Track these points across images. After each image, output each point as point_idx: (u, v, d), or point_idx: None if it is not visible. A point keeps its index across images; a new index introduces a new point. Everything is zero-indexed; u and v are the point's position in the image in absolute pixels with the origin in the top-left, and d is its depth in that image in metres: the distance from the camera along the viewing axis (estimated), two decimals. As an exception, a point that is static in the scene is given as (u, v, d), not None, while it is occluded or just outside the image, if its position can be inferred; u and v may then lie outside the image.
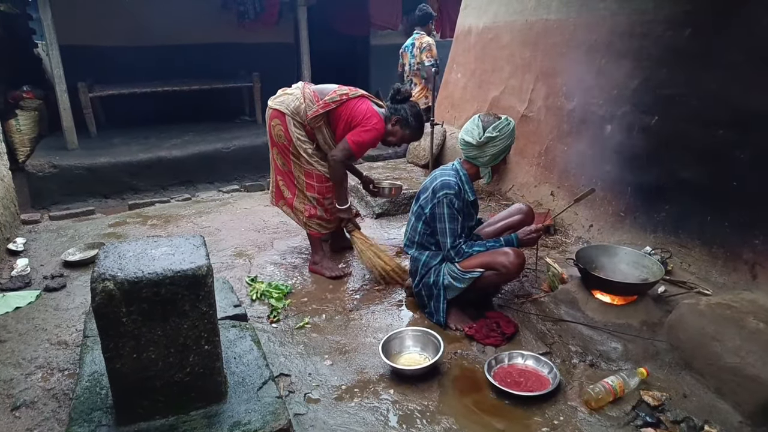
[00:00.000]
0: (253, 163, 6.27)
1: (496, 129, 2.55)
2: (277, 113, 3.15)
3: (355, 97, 3.14)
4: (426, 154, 5.14)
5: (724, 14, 2.91)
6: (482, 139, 2.56)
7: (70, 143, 5.92)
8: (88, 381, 1.93)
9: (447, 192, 2.60)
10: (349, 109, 3.10)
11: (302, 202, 3.32)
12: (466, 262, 2.64)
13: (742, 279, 2.67)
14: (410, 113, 3.15)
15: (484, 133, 2.56)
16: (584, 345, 2.52)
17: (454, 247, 2.64)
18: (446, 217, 2.61)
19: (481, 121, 2.60)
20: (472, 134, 2.59)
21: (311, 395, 2.28)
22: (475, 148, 2.61)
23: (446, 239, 2.65)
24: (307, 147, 3.19)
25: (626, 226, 3.37)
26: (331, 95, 3.11)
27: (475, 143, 2.59)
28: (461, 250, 2.64)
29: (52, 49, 5.60)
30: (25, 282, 3.20)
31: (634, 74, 3.44)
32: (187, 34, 7.46)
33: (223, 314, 2.38)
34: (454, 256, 2.65)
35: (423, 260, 2.78)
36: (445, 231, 2.64)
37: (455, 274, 2.66)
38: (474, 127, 2.61)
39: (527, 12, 4.58)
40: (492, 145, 2.58)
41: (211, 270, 1.72)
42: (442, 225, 2.64)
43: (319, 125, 3.15)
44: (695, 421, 2.04)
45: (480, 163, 2.66)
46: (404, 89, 3.20)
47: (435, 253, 2.77)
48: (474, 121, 2.64)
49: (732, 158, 2.80)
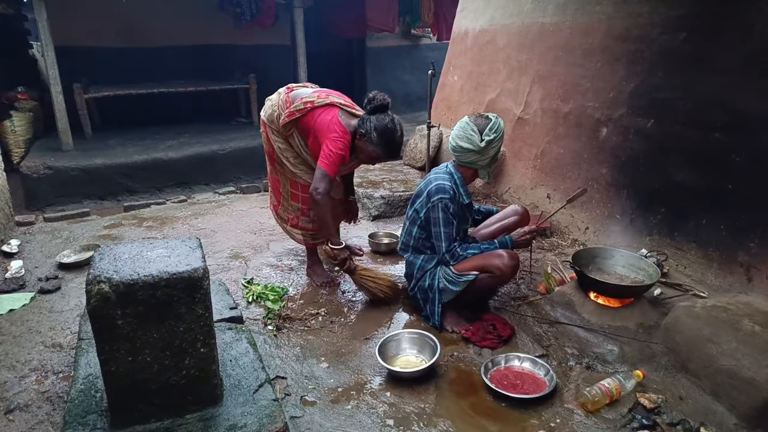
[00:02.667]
0: (249, 165, 6.26)
1: (492, 131, 2.54)
2: (261, 120, 3.08)
3: (321, 105, 2.81)
4: (422, 156, 5.15)
5: (719, 18, 2.93)
6: (483, 144, 2.54)
7: (65, 144, 5.90)
8: (82, 384, 1.92)
9: (442, 197, 2.59)
10: (313, 120, 2.80)
11: (286, 210, 3.22)
12: (460, 265, 2.64)
13: (738, 281, 2.69)
14: (374, 126, 2.71)
15: (482, 137, 2.54)
16: (580, 347, 2.53)
17: (449, 251, 2.65)
18: (441, 221, 2.61)
19: (476, 125, 2.56)
20: (471, 140, 2.55)
21: (307, 398, 2.27)
22: (474, 153, 2.58)
23: (441, 243, 2.65)
24: (289, 155, 2.99)
25: (622, 228, 3.38)
26: (297, 103, 2.84)
27: (476, 149, 2.55)
28: (456, 253, 2.65)
29: (47, 50, 5.58)
30: (19, 284, 3.17)
31: (630, 77, 3.46)
32: (183, 35, 7.46)
33: (219, 316, 2.36)
34: (450, 259, 2.66)
35: (418, 264, 2.79)
36: (440, 235, 2.64)
37: (450, 277, 2.66)
38: (471, 132, 2.56)
39: (523, 15, 4.60)
40: (491, 147, 2.57)
41: (207, 272, 1.71)
42: (437, 229, 2.64)
43: (290, 133, 2.93)
44: (691, 423, 2.05)
45: (479, 166, 2.65)
46: (379, 96, 2.77)
47: (430, 257, 2.78)
48: (466, 127, 2.58)
49: (727, 161, 2.81)
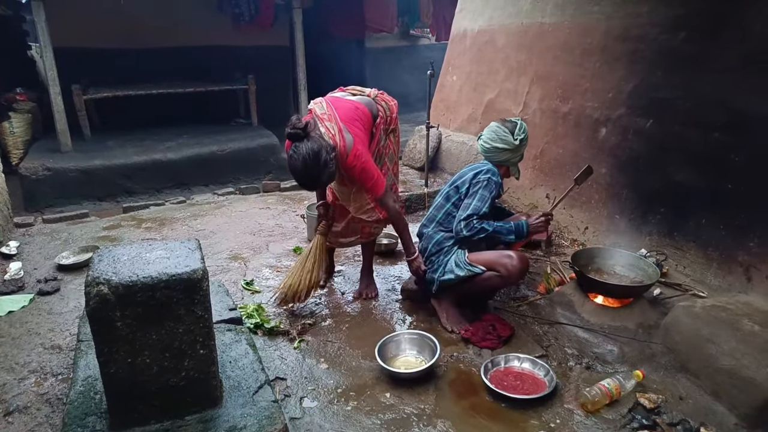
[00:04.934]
0: (248, 166, 6.25)
1: (521, 131, 2.77)
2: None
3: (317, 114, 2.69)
4: (421, 156, 5.15)
5: (718, 18, 2.93)
6: (517, 143, 2.75)
7: (64, 146, 5.89)
8: (82, 386, 1.92)
9: (492, 177, 2.71)
10: None
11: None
12: (472, 257, 2.65)
13: (737, 281, 2.69)
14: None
15: (515, 137, 2.74)
16: (580, 347, 2.53)
17: (466, 219, 2.63)
18: (478, 194, 2.66)
19: (504, 127, 2.78)
20: (506, 140, 2.75)
21: (307, 399, 2.27)
22: (509, 152, 2.78)
23: (464, 212, 2.65)
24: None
25: (621, 228, 3.38)
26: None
27: (511, 147, 2.75)
28: (472, 223, 2.61)
29: (46, 51, 5.57)
30: (18, 286, 3.17)
31: (629, 77, 3.46)
32: (182, 36, 7.44)
33: (218, 318, 2.36)
34: (463, 228, 2.62)
35: (437, 239, 2.79)
36: (468, 206, 2.65)
37: (460, 261, 2.67)
38: (503, 133, 2.76)
39: (522, 15, 4.60)
40: (523, 145, 2.80)
41: (207, 274, 1.71)
42: (469, 201, 2.67)
43: None
44: (691, 423, 2.05)
45: (512, 163, 2.85)
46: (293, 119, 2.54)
47: (449, 236, 2.77)
48: (498, 130, 2.78)
49: (727, 161, 2.81)
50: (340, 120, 2.63)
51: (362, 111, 2.75)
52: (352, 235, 3.04)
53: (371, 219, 2.89)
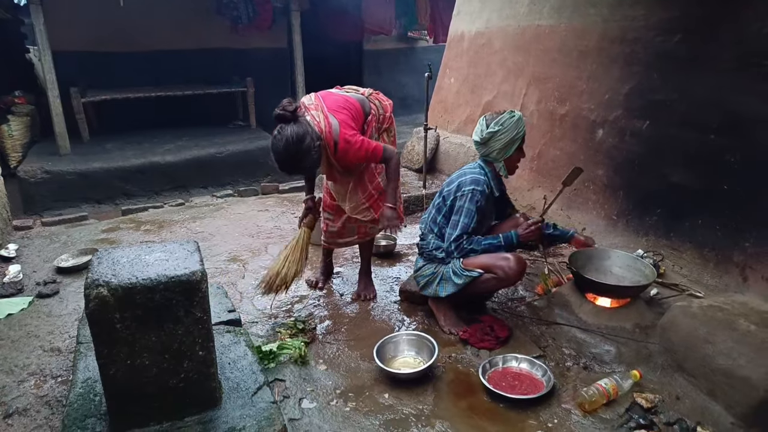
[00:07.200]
0: (246, 168, 6.27)
1: (498, 123, 2.62)
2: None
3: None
4: (420, 158, 5.16)
5: (714, 20, 2.95)
6: (486, 135, 2.64)
7: (63, 148, 5.90)
8: (81, 388, 1.92)
9: (475, 188, 2.63)
10: None
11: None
12: (467, 261, 2.64)
13: (734, 281, 2.70)
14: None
15: (486, 129, 2.64)
16: (578, 348, 2.54)
17: (456, 240, 2.63)
18: (464, 210, 2.62)
19: (485, 119, 2.69)
20: (477, 133, 2.69)
21: (306, 400, 2.27)
22: (481, 146, 2.69)
23: (453, 231, 2.65)
24: None
25: (619, 229, 3.39)
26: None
27: (479, 140, 2.67)
28: (462, 245, 2.63)
29: (44, 54, 5.58)
30: (17, 288, 3.17)
31: (626, 79, 3.48)
32: (180, 39, 7.46)
33: (217, 319, 2.37)
34: (454, 249, 2.64)
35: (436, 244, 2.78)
36: (457, 223, 2.64)
37: (456, 269, 2.67)
38: (478, 126, 2.71)
39: (519, 17, 4.62)
40: (496, 140, 2.63)
41: (206, 275, 1.71)
42: (456, 217, 2.65)
43: None
44: (688, 422, 2.06)
45: (492, 158, 2.71)
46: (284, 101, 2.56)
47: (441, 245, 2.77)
48: (481, 120, 2.72)
49: (722, 162, 2.83)
50: (326, 108, 2.66)
51: (352, 103, 2.77)
52: (349, 235, 3.07)
53: (366, 219, 2.91)
